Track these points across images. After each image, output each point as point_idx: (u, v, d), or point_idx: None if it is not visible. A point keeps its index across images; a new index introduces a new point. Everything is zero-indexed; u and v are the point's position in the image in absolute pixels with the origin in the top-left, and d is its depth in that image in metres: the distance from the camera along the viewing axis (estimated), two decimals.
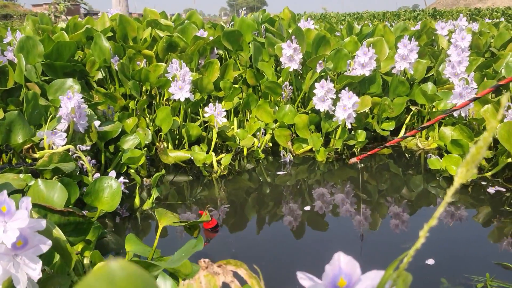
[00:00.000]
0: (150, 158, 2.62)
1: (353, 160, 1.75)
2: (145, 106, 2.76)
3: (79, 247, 1.26)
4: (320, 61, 2.88)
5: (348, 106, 2.52)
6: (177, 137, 2.71)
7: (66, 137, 1.95)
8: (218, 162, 2.46)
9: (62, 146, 1.86)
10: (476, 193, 2.12)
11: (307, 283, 0.48)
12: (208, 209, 1.92)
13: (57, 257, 0.86)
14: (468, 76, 2.73)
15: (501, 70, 2.80)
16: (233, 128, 2.84)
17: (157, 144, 2.68)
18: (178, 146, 2.71)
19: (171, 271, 1.00)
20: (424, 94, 2.72)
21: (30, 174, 1.55)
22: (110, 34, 3.11)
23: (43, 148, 1.88)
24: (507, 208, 1.93)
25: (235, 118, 2.90)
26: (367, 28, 3.49)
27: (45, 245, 0.74)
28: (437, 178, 2.33)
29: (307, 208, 2.00)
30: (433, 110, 2.82)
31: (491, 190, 2.12)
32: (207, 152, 2.51)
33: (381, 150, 2.76)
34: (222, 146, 2.79)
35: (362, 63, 2.79)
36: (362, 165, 2.61)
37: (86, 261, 1.30)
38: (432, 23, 3.84)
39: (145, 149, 2.58)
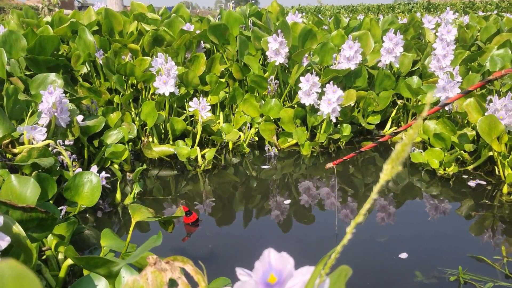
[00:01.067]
0: (135, 153, 2.62)
1: (329, 165, 1.76)
2: (130, 100, 2.76)
3: (53, 242, 1.27)
4: (306, 55, 2.88)
5: (332, 100, 2.53)
6: (163, 131, 2.71)
7: (47, 132, 1.95)
8: (203, 157, 2.46)
9: (42, 141, 1.86)
10: (457, 187, 2.14)
11: (245, 279, 0.48)
12: (182, 204, 1.92)
13: (21, 254, 0.86)
14: (453, 69, 2.74)
15: (485, 63, 2.81)
16: (219, 123, 2.84)
17: (142, 138, 2.68)
18: (164, 140, 2.71)
19: (138, 266, 1.00)
20: (409, 88, 2.73)
21: (7, 170, 1.54)
22: (96, 28, 3.10)
23: (23, 143, 1.88)
24: (486, 201, 1.95)
25: (221, 113, 2.90)
26: (354, 22, 3.49)
27: (4, 241, 0.74)
28: (420, 172, 2.34)
29: (287, 201, 2.01)
30: (419, 104, 2.83)
31: (472, 183, 2.13)
32: (192, 147, 2.51)
33: (364, 143, 2.78)
34: (208, 141, 2.79)
35: (348, 56, 2.79)
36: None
37: (60, 256, 1.30)
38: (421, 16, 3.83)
39: (130, 143, 2.58)
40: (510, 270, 1.40)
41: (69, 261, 1.08)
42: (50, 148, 1.84)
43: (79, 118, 2.19)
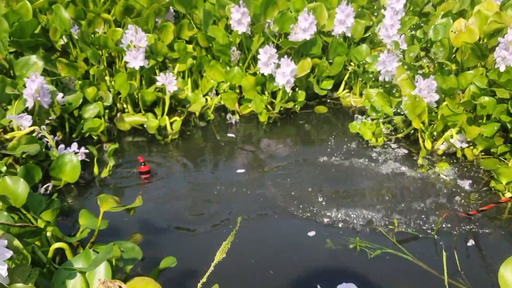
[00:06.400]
0: (111, 119, 2.92)
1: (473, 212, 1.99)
2: (106, 71, 3.03)
3: (42, 225, 1.65)
4: (268, 20, 3.14)
5: (286, 73, 2.84)
6: (137, 99, 3.02)
7: (32, 116, 2.27)
8: (171, 124, 2.79)
9: (29, 127, 2.19)
10: (383, 156, 2.51)
11: None
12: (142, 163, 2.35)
13: (20, 255, 1.24)
14: (400, 37, 3.03)
15: (429, 32, 3.09)
16: (187, 89, 3.14)
17: (118, 105, 3.00)
18: (138, 107, 3.02)
19: None
20: (357, 56, 3.04)
21: (2, 161, 1.91)
22: None
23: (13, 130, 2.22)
24: (404, 169, 2.34)
25: (189, 79, 3.19)
26: None
27: (8, 253, 1.12)
28: (355, 140, 2.70)
29: (241, 171, 2.39)
30: (368, 71, 3.12)
31: (399, 151, 2.51)
32: (162, 115, 2.84)
33: (317, 107, 3.13)
34: (177, 106, 3.11)
35: (303, 28, 3.06)
36: (300, 122, 2.99)
37: (49, 234, 1.69)
38: None
39: (107, 110, 2.88)
40: (397, 239, 1.82)
41: (55, 245, 1.46)
42: (35, 134, 2.18)
43: (59, 97, 2.50)
